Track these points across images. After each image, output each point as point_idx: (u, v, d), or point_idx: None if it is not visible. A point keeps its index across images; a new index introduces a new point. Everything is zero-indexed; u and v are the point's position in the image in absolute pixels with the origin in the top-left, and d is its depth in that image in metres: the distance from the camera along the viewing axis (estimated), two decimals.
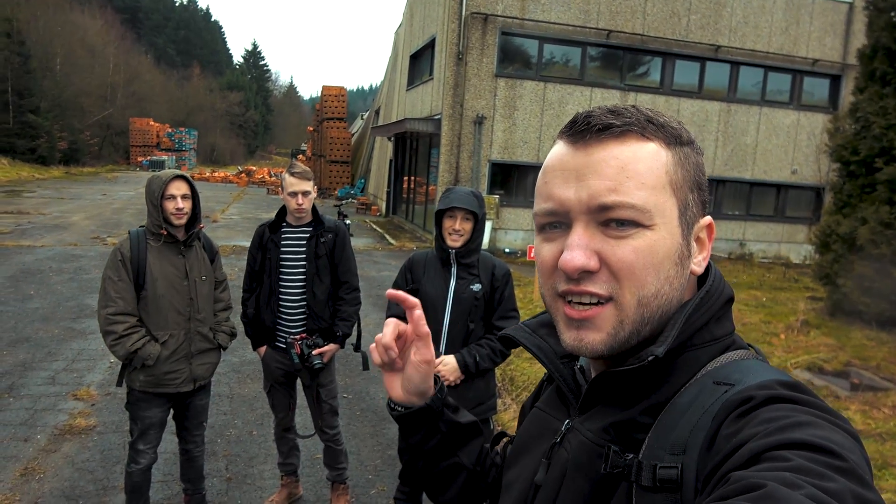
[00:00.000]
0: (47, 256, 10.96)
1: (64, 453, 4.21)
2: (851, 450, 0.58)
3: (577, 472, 0.80)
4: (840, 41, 17.53)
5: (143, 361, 3.08)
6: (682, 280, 0.78)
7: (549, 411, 0.93)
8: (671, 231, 0.76)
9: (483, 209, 2.96)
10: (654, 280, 0.75)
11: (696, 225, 0.80)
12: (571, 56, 16.26)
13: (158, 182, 3.09)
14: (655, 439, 0.72)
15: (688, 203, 0.78)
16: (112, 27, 55.10)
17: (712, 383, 0.73)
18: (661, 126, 0.78)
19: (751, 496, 0.52)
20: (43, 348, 6.24)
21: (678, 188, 0.77)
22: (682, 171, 0.78)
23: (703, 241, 0.82)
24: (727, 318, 0.81)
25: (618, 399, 0.79)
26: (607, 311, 0.75)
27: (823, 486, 0.52)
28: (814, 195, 18.03)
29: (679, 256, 0.77)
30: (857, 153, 9.10)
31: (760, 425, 0.61)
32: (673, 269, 0.76)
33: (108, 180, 31.22)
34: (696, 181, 0.80)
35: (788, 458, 0.55)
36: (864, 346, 7.89)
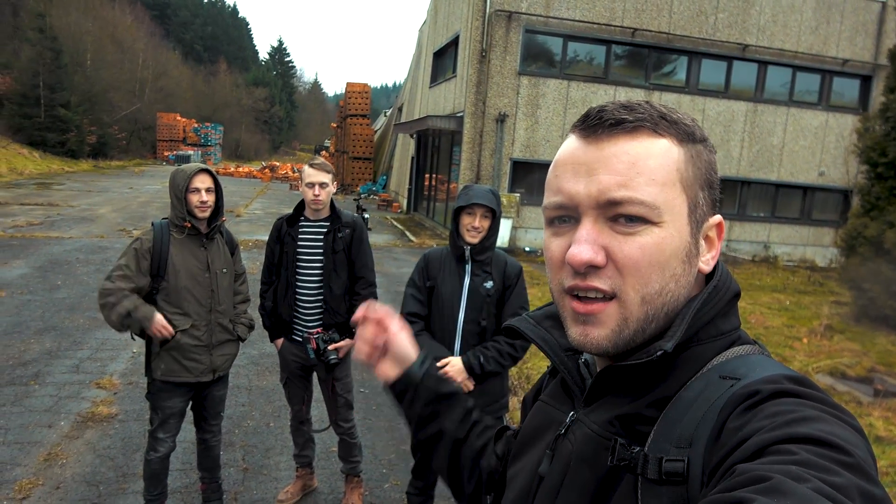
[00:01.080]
0: (75, 248, 11.18)
1: (86, 440, 4.31)
2: (857, 445, 0.58)
3: (581, 464, 0.80)
4: (872, 41, 17.18)
5: (141, 324, 3.05)
6: (689, 278, 0.78)
7: (554, 403, 0.94)
8: (679, 229, 0.76)
9: (500, 207, 2.98)
10: (658, 277, 0.75)
11: (706, 223, 0.80)
12: (596, 54, 16.15)
13: (183, 175, 3.15)
14: (661, 432, 0.72)
15: (698, 201, 0.78)
16: (142, 23, 55.97)
17: (718, 377, 0.73)
18: (673, 123, 0.78)
19: (756, 488, 0.52)
20: (69, 337, 6.39)
21: (688, 186, 0.77)
22: (693, 169, 0.77)
23: (712, 239, 0.82)
24: (733, 314, 0.81)
25: (624, 392, 0.79)
26: (611, 307, 0.76)
27: (829, 481, 0.52)
28: (841, 198, 17.71)
29: (687, 254, 0.77)
30: (886, 155, 8.94)
31: (766, 419, 0.62)
32: (680, 267, 0.76)
33: (134, 174, 31.74)
34: (707, 179, 0.79)
35: (794, 451, 0.56)
36: (889, 351, 7.75)
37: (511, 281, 3.03)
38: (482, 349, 2.94)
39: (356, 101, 32.16)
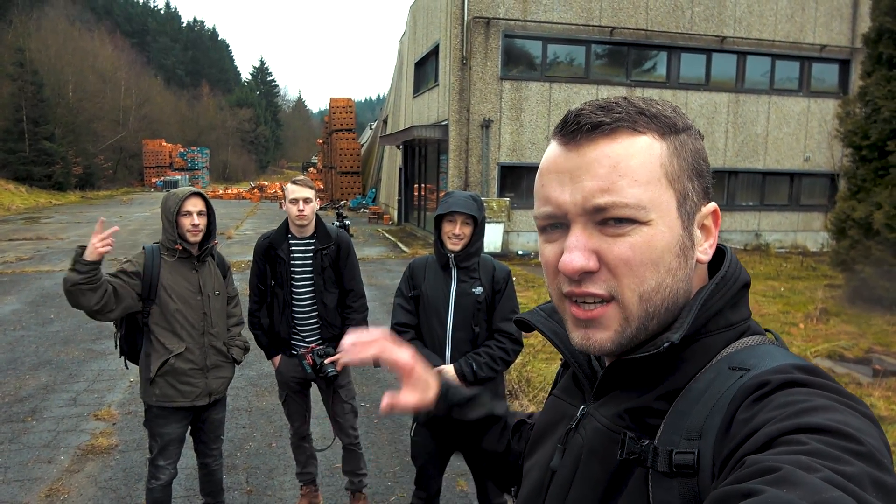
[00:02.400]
0: None
1: (87, 473, 4.27)
2: (869, 433, 0.57)
3: (591, 458, 0.80)
4: (847, 25, 17.35)
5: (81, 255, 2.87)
6: (687, 270, 0.77)
7: (565, 397, 0.94)
8: (669, 224, 0.75)
9: (482, 212, 2.97)
10: (653, 275, 0.74)
11: (699, 213, 0.79)
12: (576, 55, 16.24)
13: (175, 199, 3.15)
14: (671, 425, 0.71)
15: (686, 193, 0.77)
16: (122, 52, 55.93)
17: (728, 368, 0.72)
18: (653, 117, 0.77)
19: (766, 479, 0.52)
20: (64, 370, 6.34)
21: (675, 179, 0.76)
22: (678, 161, 0.76)
23: (708, 228, 0.81)
24: (743, 304, 0.80)
25: (633, 385, 0.79)
26: (611, 310, 0.76)
27: (840, 470, 0.51)
28: (828, 182, 17.83)
29: (680, 248, 0.76)
30: (868, 137, 9.01)
31: (776, 409, 0.61)
32: (675, 262, 0.75)
33: (123, 203, 31.62)
34: (695, 169, 0.78)
35: (804, 441, 0.55)
36: (885, 331, 7.79)
37: (500, 286, 3.02)
38: (474, 355, 2.93)
39: (341, 116, 32.22)
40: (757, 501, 0.50)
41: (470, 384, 2.91)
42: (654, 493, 0.69)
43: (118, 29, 65.94)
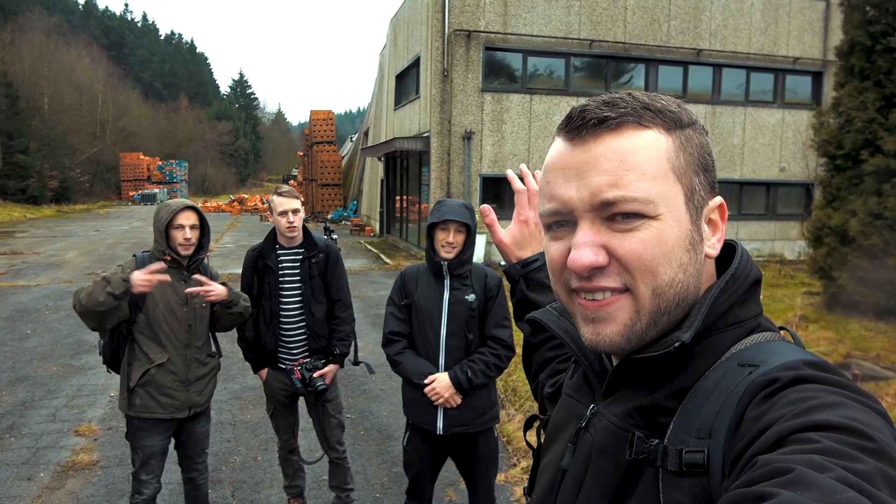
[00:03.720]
0: (43, 295, 10.92)
1: (68, 490, 4.18)
2: (880, 430, 0.56)
3: (602, 457, 0.79)
4: (819, 38, 17.75)
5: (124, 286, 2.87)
6: (697, 265, 0.77)
7: (576, 396, 0.92)
8: (678, 219, 0.74)
9: (475, 220, 2.99)
10: (666, 269, 0.73)
11: (706, 207, 0.79)
12: (555, 67, 16.41)
13: (167, 210, 3.13)
14: (681, 423, 0.71)
15: (694, 187, 0.76)
16: (99, 64, 55.42)
17: (737, 366, 0.71)
18: (658, 111, 0.76)
19: (779, 481, 0.51)
20: (42, 386, 6.21)
21: (682, 174, 0.75)
22: (684, 156, 0.76)
23: (715, 222, 0.80)
24: (753, 301, 0.79)
25: (642, 383, 0.78)
26: (623, 300, 0.75)
27: (852, 468, 0.51)
28: (803, 191, 18.14)
29: (690, 242, 0.75)
30: (842, 147, 9.19)
31: (786, 407, 0.60)
32: (685, 256, 0.75)
33: (100, 216, 31.20)
34: (701, 163, 0.78)
35: (816, 440, 0.55)
36: (862, 336, 7.91)
37: (492, 292, 3.03)
38: (468, 363, 2.93)
39: (321, 129, 32.15)
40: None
41: (465, 392, 2.90)
42: (664, 492, 0.69)
43: (95, 42, 65.36)
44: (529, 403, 5.63)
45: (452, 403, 2.91)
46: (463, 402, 2.93)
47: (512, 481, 4.32)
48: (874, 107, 8.77)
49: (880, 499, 0.49)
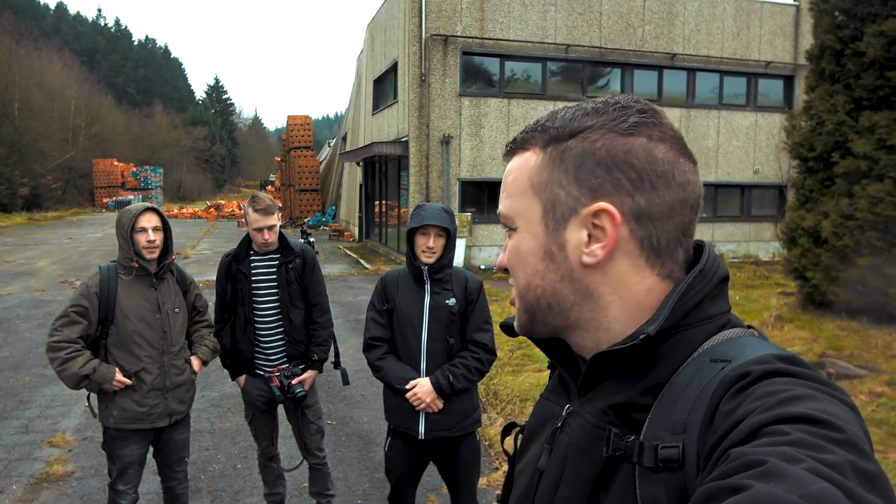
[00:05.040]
0: (14, 304, 10.70)
1: (42, 502, 4.08)
2: (849, 421, 0.58)
3: (578, 456, 0.80)
4: (790, 43, 18.09)
5: (100, 385, 2.99)
6: (560, 272, 0.80)
7: (552, 398, 0.94)
8: (532, 231, 0.82)
9: (454, 224, 2.98)
10: (522, 274, 0.84)
11: (577, 216, 0.78)
12: (532, 72, 16.51)
13: (128, 215, 3.07)
14: (656, 419, 0.71)
15: (556, 199, 0.79)
16: (71, 69, 54.55)
17: (710, 361, 0.72)
18: (544, 130, 0.81)
19: (752, 473, 0.52)
20: (14, 397, 6.07)
21: (542, 189, 0.80)
22: (549, 171, 0.79)
23: (601, 227, 0.77)
24: (722, 298, 0.80)
25: (616, 381, 0.79)
26: (515, 296, 0.88)
27: (822, 459, 0.52)
28: (777, 193, 18.45)
29: (546, 252, 0.81)
30: (814, 149, 9.36)
31: (758, 400, 0.61)
32: (540, 265, 0.82)
33: (73, 224, 30.66)
34: (578, 171, 0.78)
35: (787, 432, 0.56)
36: (836, 336, 8.06)
37: (473, 296, 3.03)
38: (450, 367, 2.91)
39: (299, 134, 31.99)
40: (744, 497, 0.50)
41: (446, 396, 2.89)
42: (641, 488, 0.69)
43: (67, 47, 64.36)
44: (511, 407, 5.64)
45: (434, 408, 2.90)
46: (445, 407, 2.91)
47: (494, 485, 4.31)
48: (844, 110, 8.95)
49: (849, 488, 0.50)
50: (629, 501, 0.70)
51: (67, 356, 2.95)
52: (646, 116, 0.79)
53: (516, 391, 5.96)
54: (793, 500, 0.48)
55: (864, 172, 8.65)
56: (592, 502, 0.76)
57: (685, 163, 0.80)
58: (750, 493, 0.50)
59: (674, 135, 0.80)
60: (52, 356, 2.97)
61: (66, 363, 2.94)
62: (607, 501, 0.74)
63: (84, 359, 2.98)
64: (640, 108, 0.79)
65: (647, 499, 0.68)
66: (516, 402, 5.74)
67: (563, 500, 0.80)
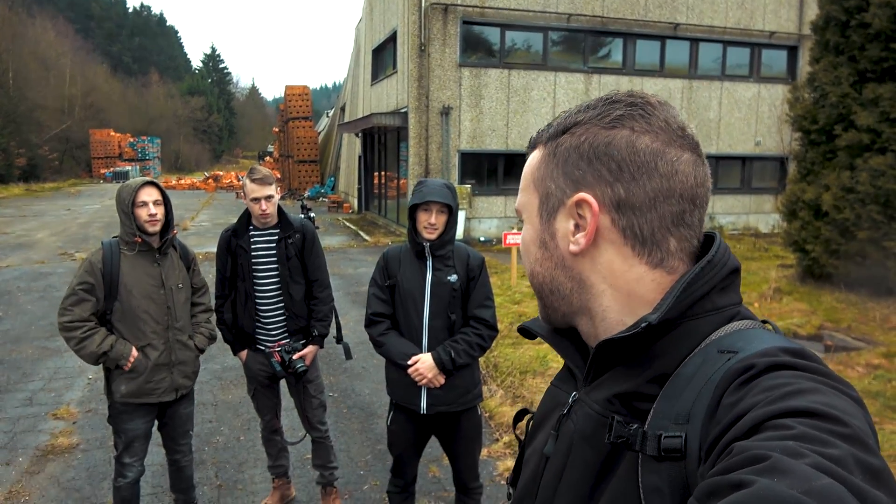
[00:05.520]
0: (14, 276, 10.71)
1: (48, 474, 4.14)
2: (854, 415, 0.58)
3: (583, 443, 0.81)
4: (795, 13, 17.82)
5: (117, 362, 3.03)
6: (554, 260, 0.85)
7: (560, 385, 0.95)
8: (532, 222, 0.88)
9: (456, 200, 2.97)
10: (527, 262, 0.90)
11: (564, 207, 0.81)
12: (533, 42, 16.29)
13: (128, 190, 3.06)
14: (661, 409, 0.72)
15: (548, 192, 0.84)
16: (65, 38, 53.73)
17: (717, 352, 0.72)
18: (549, 127, 0.87)
19: (755, 468, 0.52)
20: (17, 369, 6.12)
21: (539, 183, 0.86)
22: (544, 166, 0.85)
23: (583, 217, 0.80)
24: (732, 289, 0.80)
25: (622, 370, 0.80)
26: None
27: (826, 454, 0.52)
28: (778, 165, 18.37)
29: (541, 241, 0.87)
30: (817, 122, 9.30)
31: (762, 393, 0.61)
32: (539, 252, 0.87)
33: (71, 195, 30.54)
34: (566, 165, 0.81)
35: (790, 426, 0.55)
36: (834, 308, 8.10)
37: (474, 273, 3.03)
38: (451, 343, 2.93)
39: (297, 104, 31.69)
40: (747, 494, 0.50)
41: (448, 372, 2.91)
42: (643, 476, 0.70)
43: (61, 14, 63.33)
44: (511, 379, 5.69)
45: (436, 384, 2.92)
46: (446, 382, 2.94)
47: (495, 456, 4.38)
48: (848, 82, 8.86)
49: (853, 483, 0.50)
50: (631, 489, 0.71)
51: (83, 335, 2.98)
52: (633, 109, 0.80)
53: (516, 364, 6.00)
54: (796, 497, 0.48)
55: (866, 145, 8.61)
56: (596, 489, 0.77)
57: (674, 152, 0.79)
58: (753, 490, 0.50)
59: (664, 126, 0.80)
60: (67, 335, 2.99)
61: (84, 342, 2.97)
62: (610, 488, 0.75)
63: (101, 336, 3.01)
64: (629, 101, 0.81)
65: (648, 487, 0.69)
66: (516, 374, 5.79)
67: (568, 486, 0.82)
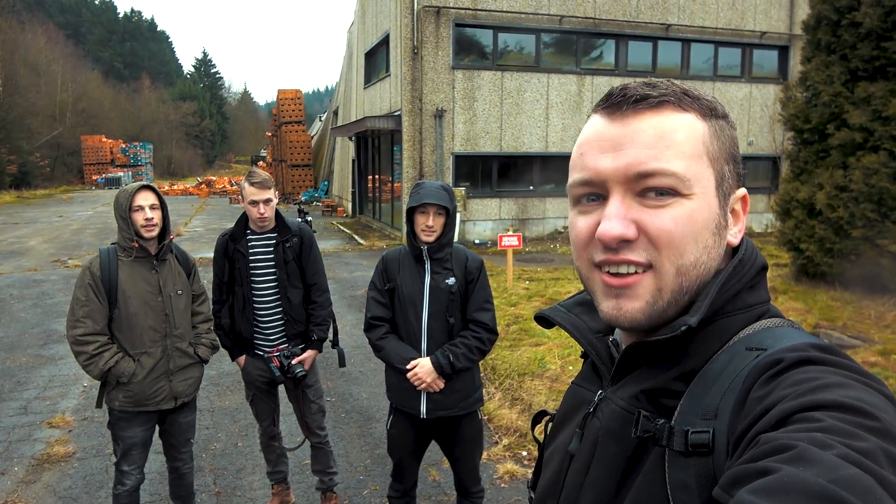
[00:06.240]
0: (6, 284, 10.63)
1: (44, 483, 4.10)
2: (884, 409, 0.57)
3: (609, 440, 0.80)
4: (786, 13, 17.93)
5: (117, 379, 3.02)
6: (720, 250, 0.79)
7: (584, 384, 0.94)
8: (709, 201, 0.77)
9: (454, 202, 2.95)
10: (693, 249, 0.75)
11: (732, 196, 0.81)
12: (526, 44, 16.32)
13: (125, 195, 3.03)
14: (688, 405, 0.71)
15: (724, 174, 0.79)
16: (56, 44, 53.47)
17: (745, 349, 0.72)
18: (696, 98, 0.79)
19: (782, 457, 0.52)
20: (11, 378, 6.07)
21: (715, 159, 0.78)
22: (717, 143, 0.79)
23: (738, 212, 0.82)
24: (761, 287, 0.81)
25: (650, 367, 0.79)
26: (646, 279, 0.76)
27: (855, 446, 0.51)
28: (771, 165, 18.44)
29: (717, 227, 0.77)
30: (809, 121, 9.34)
31: (790, 387, 0.61)
32: (711, 239, 0.77)
33: (63, 201, 30.36)
34: (731, 154, 0.81)
35: (819, 419, 0.55)
36: (830, 307, 8.12)
37: (473, 275, 3.01)
38: (451, 347, 2.91)
39: (289, 108, 31.63)
40: (772, 480, 0.50)
41: (447, 376, 2.89)
42: (670, 472, 0.69)
43: (51, 21, 63.08)
44: (509, 381, 5.68)
45: (435, 388, 2.90)
46: (446, 387, 2.92)
47: (495, 459, 4.36)
48: (840, 81, 8.91)
49: (882, 475, 0.49)
50: (658, 485, 0.71)
51: (95, 351, 2.99)
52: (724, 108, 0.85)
53: (514, 366, 5.99)
54: (822, 485, 0.47)
55: (859, 144, 8.65)
56: (622, 485, 0.77)
57: None
58: (777, 476, 0.50)
59: None
60: (78, 349, 2.98)
61: (94, 358, 2.99)
62: (636, 484, 0.74)
63: (110, 353, 3.02)
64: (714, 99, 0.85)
65: (675, 483, 0.69)
66: (514, 376, 5.78)
67: (593, 482, 0.81)
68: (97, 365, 2.98)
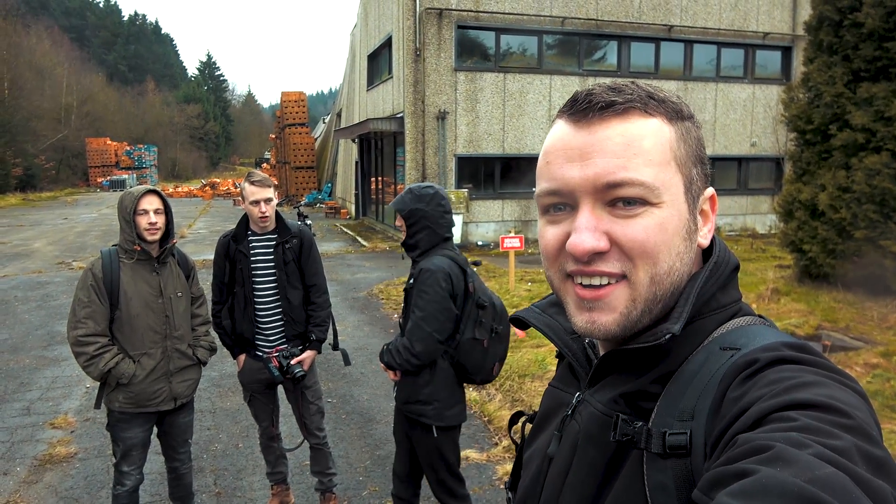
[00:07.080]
0: (11, 286, 10.68)
1: (46, 483, 4.12)
2: (858, 407, 0.58)
3: (588, 443, 0.80)
4: (788, 13, 17.90)
5: (117, 380, 3.04)
6: (691, 254, 0.78)
7: (562, 387, 0.94)
8: (678, 208, 0.76)
9: (417, 204, 2.90)
10: (666, 257, 0.75)
11: (701, 198, 0.81)
12: (528, 45, 16.33)
13: (130, 197, 3.05)
14: (664, 407, 0.72)
15: (692, 178, 0.78)
16: (60, 47, 53.71)
17: (719, 349, 0.72)
18: (661, 101, 0.78)
19: (759, 458, 0.52)
20: (15, 379, 6.10)
21: (683, 164, 0.77)
22: (684, 147, 0.78)
23: (706, 213, 0.82)
24: (733, 287, 0.81)
25: (628, 371, 0.79)
26: (620, 289, 0.75)
27: (830, 444, 0.52)
28: (774, 166, 18.40)
29: (687, 232, 0.77)
30: (812, 122, 9.31)
31: (766, 387, 0.61)
32: (682, 245, 0.76)
33: (68, 204, 30.49)
34: (697, 155, 0.80)
35: (794, 418, 0.56)
36: (832, 308, 8.10)
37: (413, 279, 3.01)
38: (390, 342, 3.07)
39: (293, 111, 31.70)
40: (751, 482, 0.50)
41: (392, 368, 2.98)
42: (648, 474, 0.70)
43: (56, 24, 63.37)
44: (509, 383, 5.68)
45: (389, 376, 3.07)
46: (400, 380, 3.01)
47: (494, 460, 4.36)
48: (842, 81, 8.88)
49: (857, 473, 0.50)
50: (637, 487, 0.71)
51: (95, 352, 3.00)
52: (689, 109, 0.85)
53: (514, 367, 6.00)
54: (799, 485, 0.48)
55: (861, 145, 8.62)
56: (602, 488, 0.77)
57: None
58: (756, 478, 0.50)
59: None
60: (78, 350, 3.00)
61: (94, 359, 3.00)
62: (616, 487, 0.75)
63: (110, 355, 3.03)
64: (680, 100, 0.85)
65: (654, 484, 0.69)
66: (514, 377, 5.78)
67: (573, 486, 0.81)
68: (97, 366, 3.00)
